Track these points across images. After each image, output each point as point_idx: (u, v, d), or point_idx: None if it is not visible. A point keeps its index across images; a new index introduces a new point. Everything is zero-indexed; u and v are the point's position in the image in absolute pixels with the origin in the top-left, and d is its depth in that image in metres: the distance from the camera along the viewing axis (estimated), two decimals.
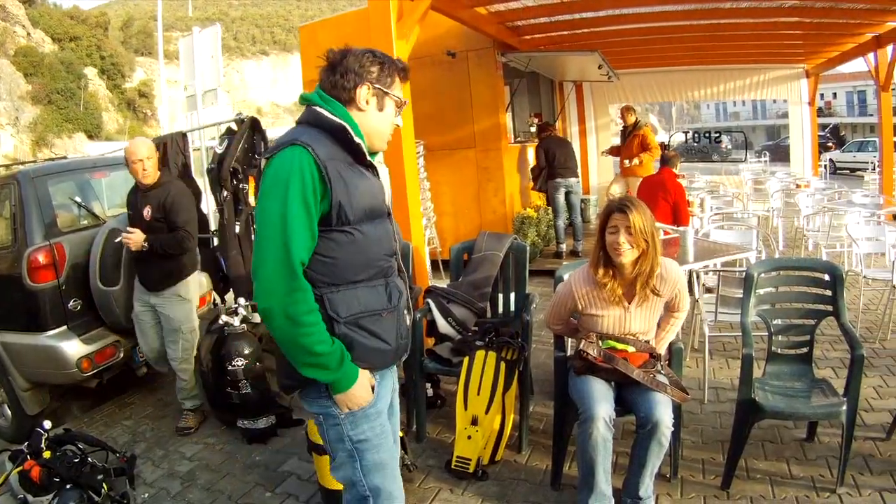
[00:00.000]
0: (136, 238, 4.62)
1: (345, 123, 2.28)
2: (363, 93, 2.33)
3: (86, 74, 45.50)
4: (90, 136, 41.40)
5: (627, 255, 3.34)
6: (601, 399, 3.29)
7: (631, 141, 10.63)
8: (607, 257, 3.44)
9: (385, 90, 2.37)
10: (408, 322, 2.53)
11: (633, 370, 3.34)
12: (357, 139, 2.28)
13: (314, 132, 2.27)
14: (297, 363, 2.25)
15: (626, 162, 10.59)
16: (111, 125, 45.58)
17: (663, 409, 3.23)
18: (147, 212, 4.74)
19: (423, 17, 5.92)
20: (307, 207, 2.16)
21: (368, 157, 2.34)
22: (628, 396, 3.43)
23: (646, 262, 3.36)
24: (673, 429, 3.27)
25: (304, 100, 2.40)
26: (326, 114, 2.29)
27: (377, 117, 2.38)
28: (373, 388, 2.38)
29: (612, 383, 3.46)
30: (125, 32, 56.43)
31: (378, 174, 2.42)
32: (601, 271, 3.44)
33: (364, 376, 2.33)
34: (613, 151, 11.74)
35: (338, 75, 2.33)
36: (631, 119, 10.77)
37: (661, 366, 3.47)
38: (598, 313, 3.51)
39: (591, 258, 3.56)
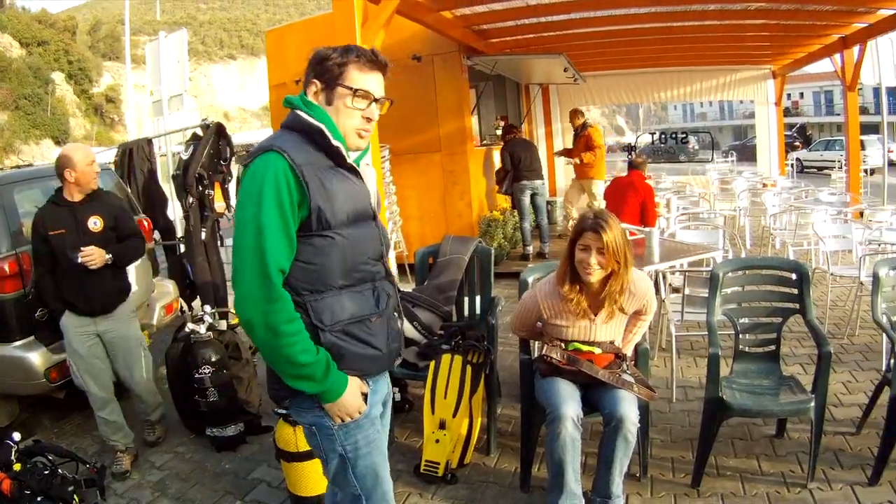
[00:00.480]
0: (97, 254, 4.27)
1: (322, 126, 2.22)
2: (311, 90, 2.29)
3: (53, 79, 44.90)
4: (57, 142, 40.75)
5: (597, 275, 3.33)
6: (568, 399, 3.30)
7: (579, 141, 10.82)
8: (574, 273, 3.42)
9: (335, 83, 2.26)
10: (398, 325, 2.48)
11: (598, 371, 3.35)
12: (336, 142, 2.22)
13: (293, 136, 2.23)
14: (283, 375, 2.20)
15: (577, 160, 10.77)
16: (78, 131, 44.95)
17: (628, 406, 3.25)
18: (95, 223, 4.37)
19: (388, 22, 5.94)
20: (283, 214, 2.10)
21: (350, 161, 2.27)
22: (594, 396, 3.44)
23: (616, 281, 3.36)
24: (638, 425, 3.28)
25: (286, 102, 2.35)
26: (305, 116, 2.24)
27: (335, 114, 2.27)
28: (365, 397, 2.32)
29: (578, 384, 3.46)
30: (93, 37, 55.77)
31: (361, 177, 2.35)
32: (567, 287, 3.42)
33: (354, 384, 2.26)
34: (565, 153, 11.87)
35: (306, 77, 2.32)
36: (579, 121, 10.91)
37: (627, 366, 3.47)
38: (563, 324, 3.52)
39: (557, 272, 3.53)
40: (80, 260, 4.20)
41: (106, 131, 46.94)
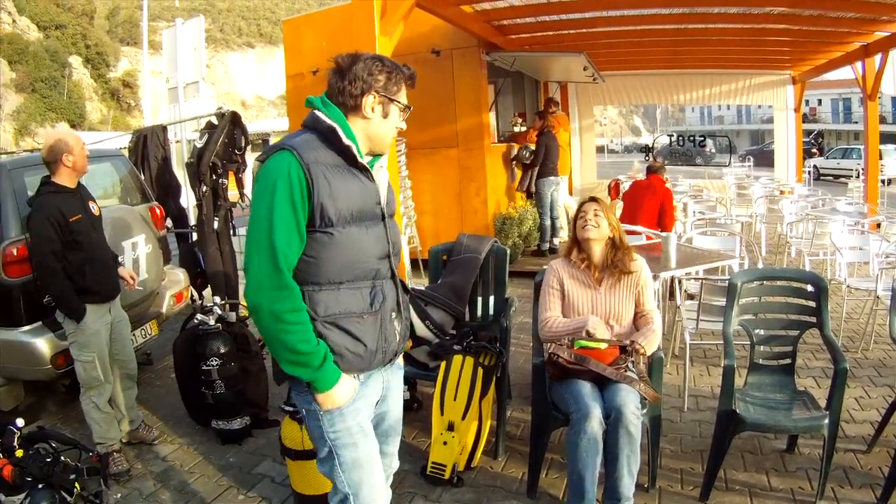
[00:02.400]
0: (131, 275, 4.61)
1: (335, 125, 2.32)
2: (369, 101, 2.37)
3: (70, 63, 45.11)
4: (73, 126, 40.86)
5: (592, 231, 3.71)
6: (592, 398, 3.31)
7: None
8: (580, 244, 3.85)
9: (391, 98, 2.40)
10: (398, 326, 2.52)
11: (604, 368, 3.36)
12: (347, 141, 2.32)
13: (308, 135, 2.35)
14: (280, 359, 2.31)
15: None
16: (94, 115, 45.17)
17: (626, 395, 3.26)
18: (93, 208, 4.39)
19: (407, 15, 5.88)
20: (294, 208, 2.22)
21: (361, 160, 2.36)
22: (601, 393, 3.42)
23: (613, 250, 3.76)
24: (640, 416, 3.26)
25: (308, 103, 2.45)
26: (322, 116, 2.35)
27: (381, 124, 2.42)
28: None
29: (593, 383, 3.45)
30: (111, 21, 55.91)
31: (372, 177, 2.43)
32: (574, 253, 3.86)
33: (346, 378, 2.35)
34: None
35: (346, 81, 2.36)
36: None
37: (632, 362, 3.43)
38: (571, 293, 3.77)
39: (566, 248, 3.98)
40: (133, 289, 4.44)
41: (122, 116, 47.14)
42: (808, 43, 10.93)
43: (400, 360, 2.70)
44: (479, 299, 5.10)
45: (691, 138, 23.14)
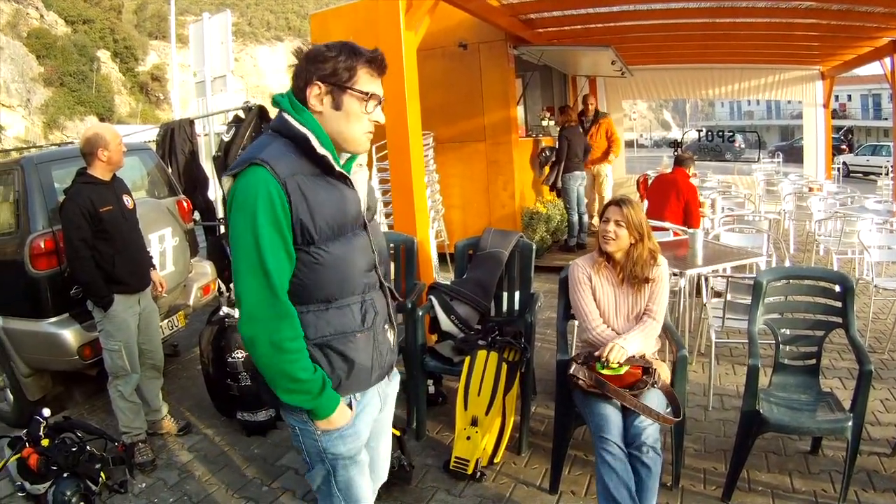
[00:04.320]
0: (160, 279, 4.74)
1: (308, 133, 2.12)
2: (314, 92, 2.14)
3: (98, 57, 45.42)
4: (102, 119, 41.14)
5: (612, 245, 3.63)
6: (609, 420, 3.25)
7: (597, 132, 10.88)
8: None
9: (343, 85, 2.14)
10: (390, 338, 2.39)
11: (623, 395, 3.27)
12: (322, 150, 2.12)
13: (278, 143, 2.14)
14: (278, 388, 2.15)
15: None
16: (123, 108, 45.46)
17: (645, 425, 3.20)
18: (127, 201, 4.48)
19: (433, 9, 5.87)
20: (279, 229, 2.05)
21: (339, 168, 2.17)
22: (624, 415, 3.36)
23: (635, 251, 3.63)
24: (658, 447, 3.17)
25: (274, 102, 2.25)
26: (292, 121, 2.15)
27: (336, 119, 2.16)
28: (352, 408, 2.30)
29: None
30: (139, 16, 56.27)
31: (352, 183, 2.24)
32: (596, 253, 3.80)
33: (344, 403, 2.24)
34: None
35: (294, 75, 2.20)
36: (593, 108, 10.99)
37: (655, 380, 3.37)
38: (597, 290, 3.73)
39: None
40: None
41: (151, 109, 47.44)
42: (836, 38, 10.77)
43: (395, 368, 2.56)
44: (505, 294, 5.10)
45: (720, 133, 22.90)
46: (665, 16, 9.29)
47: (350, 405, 2.28)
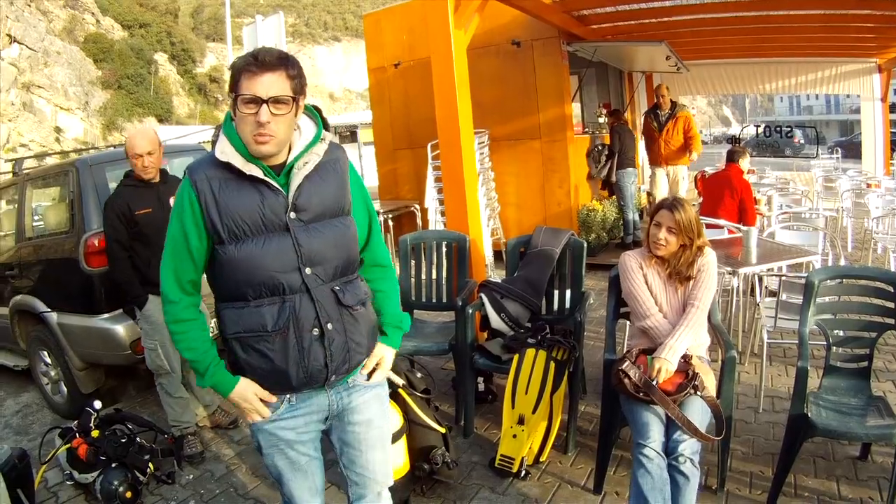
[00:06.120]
0: None
1: (220, 140, 2.25)
2: (230, 103, 2.23)
3: (156, 60, 46.17)
4: (160, 120, 41.95)
5: (662, 251, 3.60)
6: (650, 426, 3.20)
7: (674, 126, 9.86)
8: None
9: (232, 92, 2.17)
10: (327, 344, 2.30)
11: (668, 403, 3.19)
12: (222, 158, 2.19)
13: (211, 151, 2.31)
14: None
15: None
16: (182, 109, 46.17)
17: (686, 437, 3.12)
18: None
19: (482, 7, 5.86)
20: (183, 230, 2.24)
21: (249, 172, 2.18)
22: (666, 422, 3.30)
23: (684, 252, 3.59)
24: (695, 458, 3.10)
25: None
26: (221, 132, 2.30)
27: (237, 123, 2.20)
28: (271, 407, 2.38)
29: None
30: (195, 19, 57.16)
31: (278, 186, 2.23)
32: (646, 250, 3.77)
33: (246, 387, 2.31)
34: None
35: None
36: (668, 100, 10.06)
37: (697, 385, 3.28)
38: (650, 283, 3.69)
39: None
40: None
41: (210, 110, 48.12)
42: (892, 29, 10.45)
43: (378, 379, 2.54)
44: (556, 293, 5.08)
45: (779, 129, 22.48)
46: (718, 9, 9.17)
47: (283, 403, 2.39)
